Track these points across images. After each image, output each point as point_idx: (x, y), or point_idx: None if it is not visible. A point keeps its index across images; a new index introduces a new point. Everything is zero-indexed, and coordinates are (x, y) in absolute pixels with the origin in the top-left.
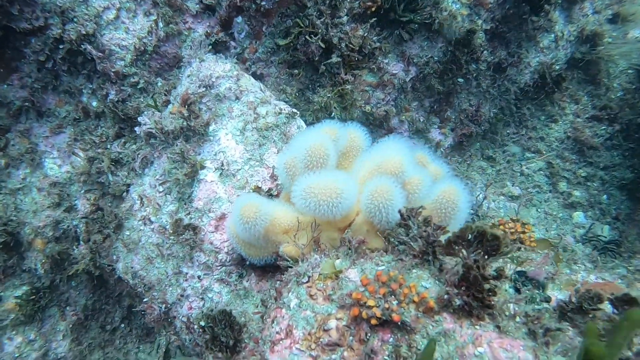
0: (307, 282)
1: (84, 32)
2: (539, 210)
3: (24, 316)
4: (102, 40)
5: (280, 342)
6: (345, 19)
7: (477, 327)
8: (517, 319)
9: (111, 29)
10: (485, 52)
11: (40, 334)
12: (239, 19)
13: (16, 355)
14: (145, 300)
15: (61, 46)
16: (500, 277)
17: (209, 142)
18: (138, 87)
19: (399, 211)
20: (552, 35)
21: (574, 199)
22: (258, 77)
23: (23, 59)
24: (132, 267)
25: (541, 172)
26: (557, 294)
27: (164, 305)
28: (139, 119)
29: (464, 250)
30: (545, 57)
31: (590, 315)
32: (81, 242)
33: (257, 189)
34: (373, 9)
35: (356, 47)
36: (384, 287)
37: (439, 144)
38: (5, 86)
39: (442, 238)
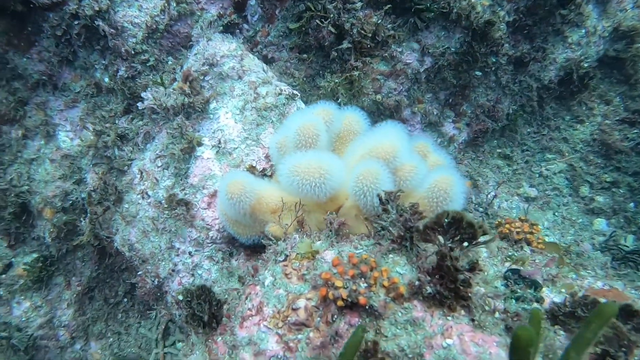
0: (283, 260)
1: (98, 8)
2: (556, 214)
3: (32, 282)
4: (115, 17)
5: (250, 318)
6: (359, 4)
7: (449, 318)
8: (497, 314)
9: (125, 6)
10: (506, 45)
11: (46, 301)
12: (253, 2)
13: (23, 319)
14: (139, 273)
15: (76, 22)
16: (474, 270)
17: (208, 120)
18: (148, 64)
19: (378, 195)
20: (583, 31)
21: (596, 205)
22: (269, 60)
23: (42, 33)
24: (128, 240)
25: (562, 174)
26: (553, 296)
27: (156, 279)
28: (142, 94)
29: (440, 237)
30: (574, 53)
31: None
32: (88, 215)
33: (252, 169)
34: None
35: (369, 33)
36: (354, 269)
37: (453, 139)
38: (25, 59)
39: (421, 224)
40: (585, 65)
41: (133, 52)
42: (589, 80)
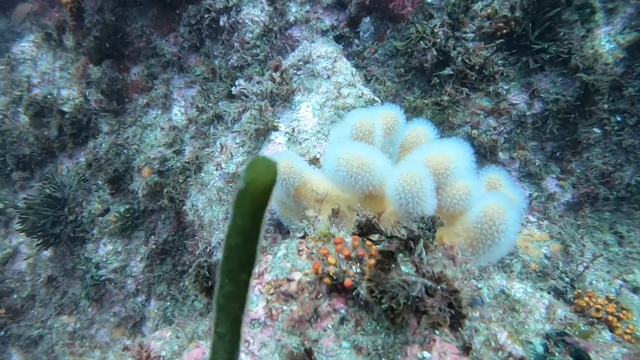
0: (301, 237)
1: (228, 5)
2: None
3: (119, 230)
4: (240, 14)
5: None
6: (470, 35)
7: (437, 332)
8: (500, 354)
9: (250, 6)
10: (638, 104)
11: (125, 249)
12: (367, 19)
13: (103, 259)
14: (195, 237)
15: (207, 15)
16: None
17: (290, 110)
18: (257, 57)
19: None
20: None
21: None
22: (371, 76)
23: (181, 21)
24: (195, 205)
25: None
26: None
27: (208, 247)
28: (236, 81)
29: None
30: None
31: None
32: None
33: (314, 160)
34: (504, 31)
35: (475, 65)
36: (351, 250)
37: (553, 197)
38: (164, 41)
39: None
40: None
41: (247, 45)
42: None
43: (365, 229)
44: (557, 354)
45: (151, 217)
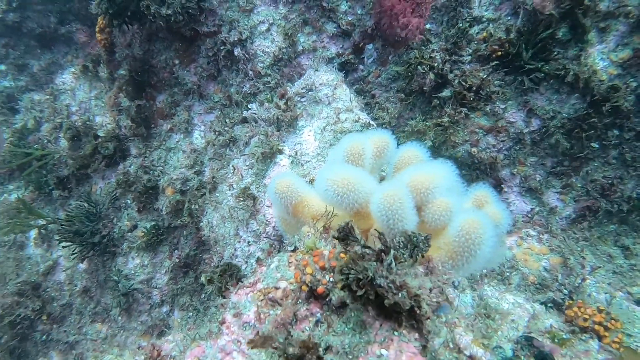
0: (292, 251)
1: (241, 38)
2: None
3: (145, 245)
4: (252, 45)
5: (245, 288)
6: (467, 58)
7: (396, 332)
8: (456, 354)
9: (261, 38)
10: (634, 118)
11: (151, 262)
12: (370, 46)
13: (132, 271)
14: (210, 251)
15: (222, 47)
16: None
17: (294, 134)
18: (268, 85)
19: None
20: None
21: None
22: (376, 99)
23: (200, 53)
24: (210, 222)
25: None
26: None
27: (221, 259)
28: (249, 105)
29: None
30: None
31: None
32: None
33: (314, 180)
34: (499, 53)
35: (473, 86)
36: (325, 262)
37: (554, 211)
38: (185, 71)
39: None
40: None
41: (259, 74)
42: None
43: (343, 234)
44: (522, 357)
45: (174, 232)
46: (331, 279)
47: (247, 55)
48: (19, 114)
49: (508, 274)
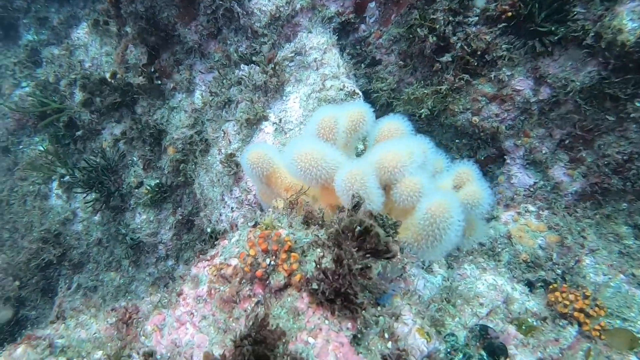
0: (253, 226)
1: None
2: None
3: (150, 201)
4: (249, 3)
5: (204, 262)
6: (474, 19)
7: (327, 321)
8: (390, 344)
9: None
10: None
11: (157, 218)
12: (372, 4)
13: (139, 226)
14: (201, 214)
15: (221, 4)
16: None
17: (281, 100)
18: (264, 46)
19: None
20: None
21: None
22: (376, 62)
23: (200, 11)
24: (202, 185)
25: None
26: None
27: (210, 223)
28: (241, 66)
29: (347, 242)
30: None
31: None
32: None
33: None
34: (509, 14)
35: (477, 50)
36: (266, 244)
37: (559, 186)
38: (186, 30)
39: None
40: None
41: (256, 33)
42: None
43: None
44: (471, 347)
45: (177, 191)
46: (272, 262)
47: (244, 13)
48: (40, 68)
49: (499, 249)
